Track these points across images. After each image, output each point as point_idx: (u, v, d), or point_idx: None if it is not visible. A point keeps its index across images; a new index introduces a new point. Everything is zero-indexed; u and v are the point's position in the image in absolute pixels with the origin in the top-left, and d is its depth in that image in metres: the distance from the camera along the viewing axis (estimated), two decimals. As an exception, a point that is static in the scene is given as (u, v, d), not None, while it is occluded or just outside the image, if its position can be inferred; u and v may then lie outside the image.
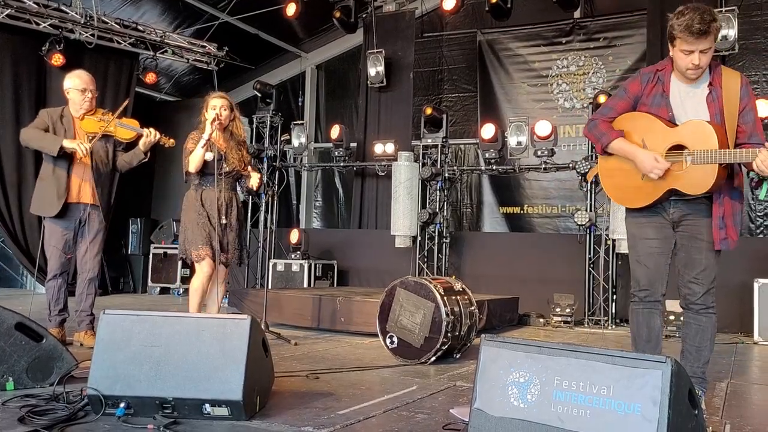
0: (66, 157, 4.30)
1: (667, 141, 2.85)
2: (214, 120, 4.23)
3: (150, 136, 4.38)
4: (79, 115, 4.39)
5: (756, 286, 5.87)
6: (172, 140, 4.48)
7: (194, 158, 4.18)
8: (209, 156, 4.20)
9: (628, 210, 3.07)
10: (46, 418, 2.46)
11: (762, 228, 7.61)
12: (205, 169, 4.24)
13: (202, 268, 4.22)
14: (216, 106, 4.30)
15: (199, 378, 2.51)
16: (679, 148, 2.82)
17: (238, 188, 4.58)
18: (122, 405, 2.49)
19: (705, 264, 2.86)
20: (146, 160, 4.55)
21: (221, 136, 4.36)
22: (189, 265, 8.98)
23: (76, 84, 4.38)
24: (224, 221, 4.29)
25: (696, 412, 2.00)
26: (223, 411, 2.51)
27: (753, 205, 7.64)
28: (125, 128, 4.43)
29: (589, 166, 6.77)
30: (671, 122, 2.88)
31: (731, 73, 2.86)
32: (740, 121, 2.80)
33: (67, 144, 4.21)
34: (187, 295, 4.36)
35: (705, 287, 2.86)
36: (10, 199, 7.72)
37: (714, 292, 2.89)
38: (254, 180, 4.47)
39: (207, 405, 2.50)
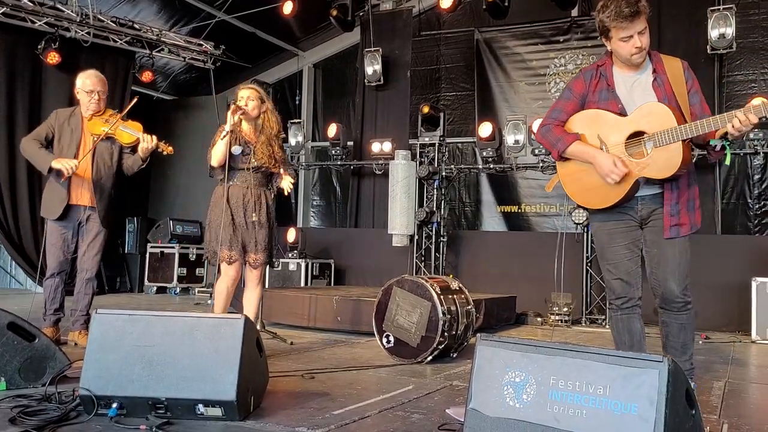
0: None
1: (624, 131, 2.78)
2: (235, 110, 3.92)
3: (147, 142, 4.34)
4: (88, 116, 4.43)
5: (754, 284, 5.87)
6: (170, 147, 4.40)
7: (216, 151, 3.92)
8: (236, 150, 3.91)
9: (592, 214, 2.99)
10: (37, 418, 2.44)
11: (760, 227, 7.59)
12: (231, 163, 3.94)
13: (227, 272, 3.97)
14: (243, 97, 4.03)
15: (192, 378, 2.49)
16: (637, 135, 2.76)
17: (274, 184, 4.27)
18: (115, 405, 2.47)
19: (679, 258, 2.81)
20: (144, 166, 4.52)
21: (250, 128, 4.08)
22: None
23: (86, 85, 4.40)
24: (254, 219, 3.99)
25: (693, 411, 1.98)
26: (217, 411, 2.49)
27: (751, 204, 7.63)
28: (127, 132, 4.41)
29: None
30: (622, 114, 2.82)
31: (671, 59, 2.85)
32: (688, 103, 2.78)
33: (55, 165, 4.21)
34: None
35: (682, 283, 2.81)
36: (4, 198, 7.68)
37: (689, 286, 2.84)
38: (286, 184, 4.21)
39: (200, 405, 2.49)
